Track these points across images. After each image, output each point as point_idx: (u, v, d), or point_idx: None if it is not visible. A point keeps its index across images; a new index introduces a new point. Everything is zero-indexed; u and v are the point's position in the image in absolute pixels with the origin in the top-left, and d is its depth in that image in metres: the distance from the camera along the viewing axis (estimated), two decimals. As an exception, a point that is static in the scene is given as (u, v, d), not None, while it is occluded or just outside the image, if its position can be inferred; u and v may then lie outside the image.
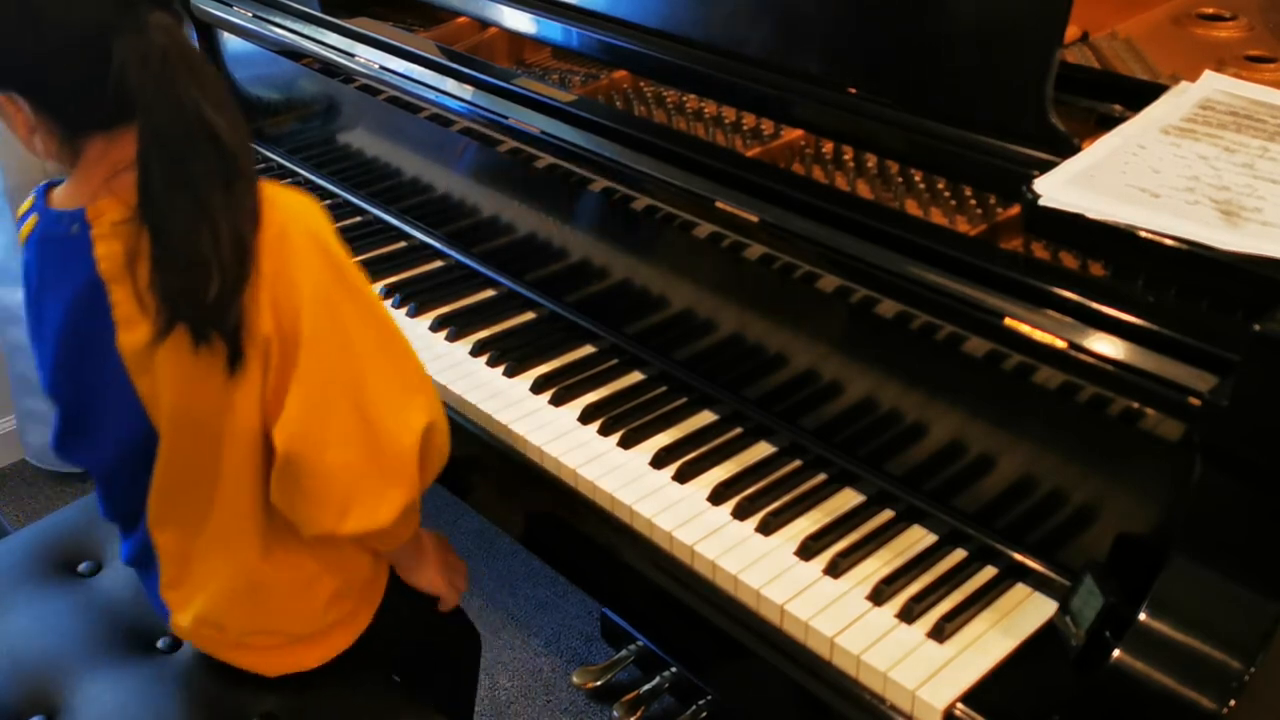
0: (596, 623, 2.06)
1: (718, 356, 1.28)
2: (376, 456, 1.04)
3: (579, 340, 1.42)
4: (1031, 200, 0.97)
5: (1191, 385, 0.88)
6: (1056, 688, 0.93)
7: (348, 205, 1.78)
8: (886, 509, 1.15)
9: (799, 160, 1.33)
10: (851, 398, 1.16)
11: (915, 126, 1.17)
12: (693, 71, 1.34)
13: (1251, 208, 0.93)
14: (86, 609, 1.27)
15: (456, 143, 1.51)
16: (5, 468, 2.47)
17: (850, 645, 1.00)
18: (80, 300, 1.01)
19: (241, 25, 1.81)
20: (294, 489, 1.04)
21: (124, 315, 1.00)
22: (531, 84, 1.41)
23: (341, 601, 1.17)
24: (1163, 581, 0.89)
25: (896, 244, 1.07)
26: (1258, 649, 0.84)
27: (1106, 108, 1.18)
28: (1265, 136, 1.04)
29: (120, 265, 0.98)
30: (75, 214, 1.00)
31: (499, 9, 1.56)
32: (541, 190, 1.42)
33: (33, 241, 1.04)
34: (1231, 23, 1.41)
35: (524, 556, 2.22)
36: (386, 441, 1.04)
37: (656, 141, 1.27)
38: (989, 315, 1.00)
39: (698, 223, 1.22)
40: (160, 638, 1.24)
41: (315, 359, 1.00)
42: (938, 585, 1.05)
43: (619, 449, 1.24)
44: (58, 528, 1.39)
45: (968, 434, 1.07)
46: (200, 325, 0.95)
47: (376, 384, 1.04)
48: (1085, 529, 1.01)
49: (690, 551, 1.11)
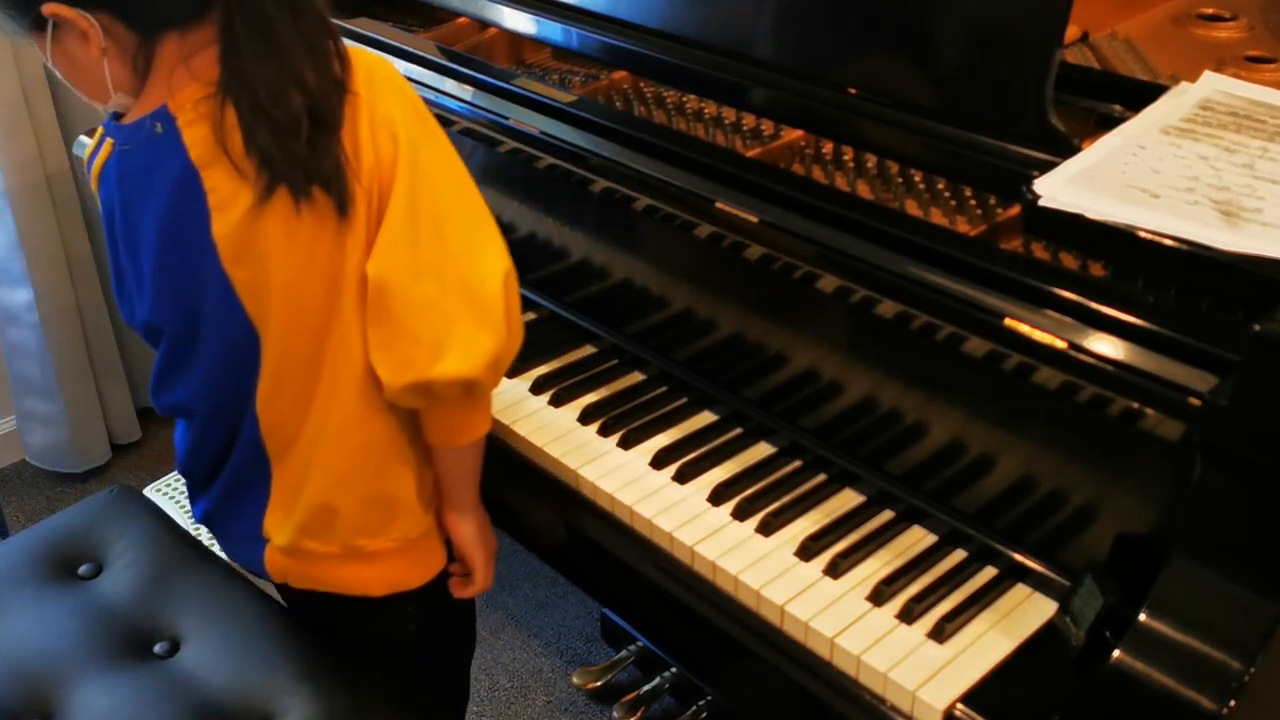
0: (596, 623, 2.06)
1: (718, 357, 1.28)
2: (465, 293, 1.04)
3: (579, 340, 1.42)
4: (1031, 200, 0.97)
5: (1191, 385, 0.88)
6: (1056, 688, 0.93)
7: (348, 205, 1.78)
8: (886, 509, 1.15)
9: (799, 160, 1.33)
10: (851, 398, 1.16)
11: (915, 126, 1.17)
12: (693, 71, 1.34)
13: (1251, 208, 0.93)
14: (84, 612, 1.27)
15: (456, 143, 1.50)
16: (5, 468, 2.47)
17: (850, 646, 1.00)
18: (174, 199, 1.02)
19: (241, 25, 1.81)
20: (387, 324, 1.04)
21: (219, 200, 1.01)
22: (531, 84, 1.41)
23: (433, 511, 1.18)
24: (1163, 581, 0.89)
25: (896, 244, 1.07)
26: (1258, 649, 0.83)
27: (1106, 108, 1.18)
28: (1265, 137, 1.04)
29: (212, 146, 0.99)
30: (156, 113, 1.01)
31: (499, 9, 1.56)
32: (541, 190, 1.42)
33: (111, 166, 1.06)
34: (1231, 23, 1.41)
35: (524, 556, 2.22)
36: (474, 280, 1.04)
37: (656, 142, 1.27)
38: (989, 315, 1.00)
39: (698, 223, 1.22)
40: (158, 642, 1.23)
41: (406, 192, 1.02)
42: (938, 586, 1.05)
43: (619, 449, 1.24)
44: (59, 529, 1.39)
45: (968, 434, 1.07)
46: (300, 180, 0.98)
47: (459, 227, 1.05)
48: (1085, 529, 1.01)
49: (690, 552, 1.11)
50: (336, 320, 1.06)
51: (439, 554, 1.22)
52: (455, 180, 1.07)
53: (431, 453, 1.16)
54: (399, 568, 1.19)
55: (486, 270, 1.05)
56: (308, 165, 0.98)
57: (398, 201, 1.02)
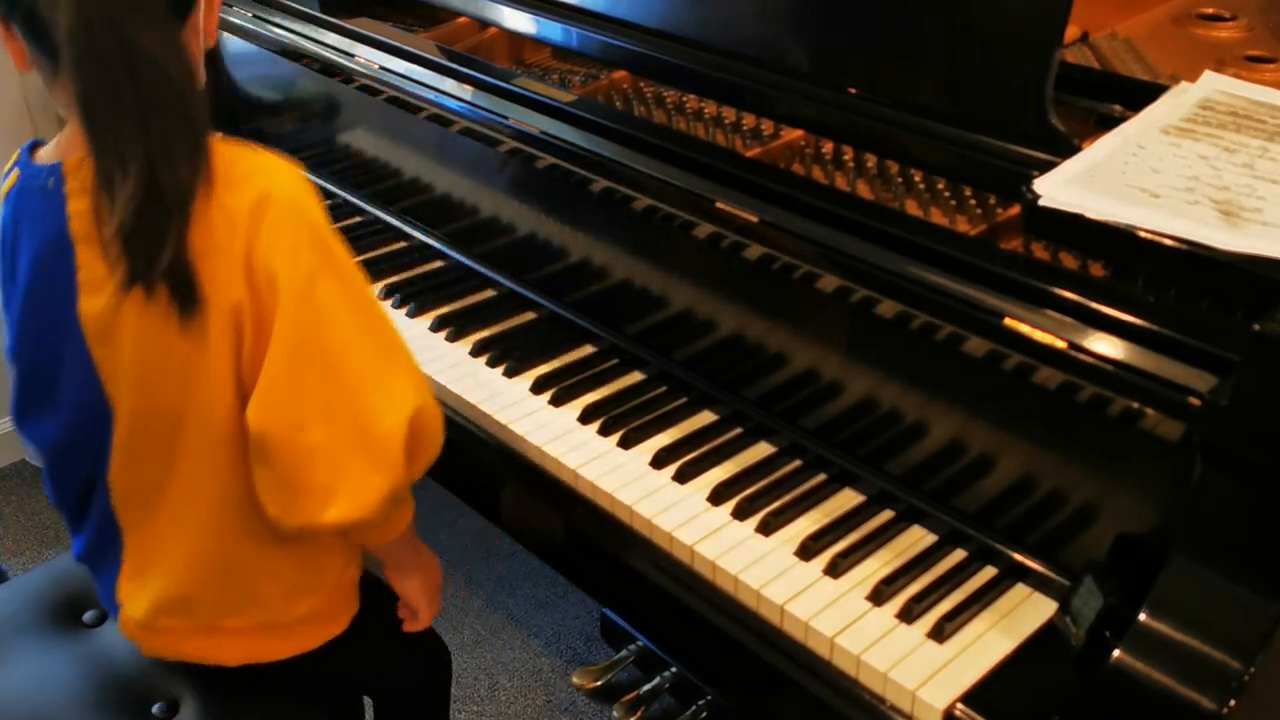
0: (596, 623, 2.06)
1: (718, 356, 1.28)
2: (358, 433, 0.98)
3: (579, 340, 1.42)
4: (1031, 200, 0.97)
5: (1191, 385, 0.88)
6: (1056, 688, 0.93)
7: (348, 205, 1.78)
8: (886, 509, 1.15)
9: (799, 160, 1.33)
10: (851, 398, 1.16)
11: (915, 126, 1.17)
12: (693, 71, 1.34)
13: (1251, 208, 0.93)
14: (84, 661, 1.21)
15: (457, 143, 1.51)
16: (5, 468, 2.47)
17: (850, 645, 1.00)
18: (47, 259, 0.98)
19: (241, 25, 1.81)
20: (269, 474, 0.99)
21: (87, 278, 0.96)
22: (531, 84, 1.41)
23: (313, 597, 1.14)
24: (1163, 581, 0.89)
25: (896, 244, 1.07)
26: (1258, 649, 0.83)
27: (1106, 108, 1.19)
28: (1265, 136, 1.04)
29: (88, 222, 0.93)
30: (53, 168, 0.96)
31: (499, 9, 1.56)
32: (541, 190, 1.42)
33: (10, 196, 1.01)
34: (1231, 23, 1.41)
35: (524, 556, 2.22)
36: (369, 417, 0.98)
37: (656, 141, 1.27)
38: (989, 315, 1.00)
39: (698, 223, 1.22)
40: (156, 703, 1.18)
41: (291, 332, 0.95)
42: (938, 585, 1.05)
43: (619, 449, 1.24)
44: (65, 571, 1.33)
45: (968, 434, 1.07)
46: (146, 273, 0.91)
47: (358, 362, 0.99)
48: (1085, 529, 1.01)
49: (690, 552, 1.11)
50: (196, 439, 1.01)
51: (325, 630, 1.17)
52: (359, 311, 1.00)
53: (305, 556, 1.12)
54: (261, 644, 1.15)
55: (386, 404, 0.99)
56: (153, 259, 0.91)
57: (278, 348, 0.96)
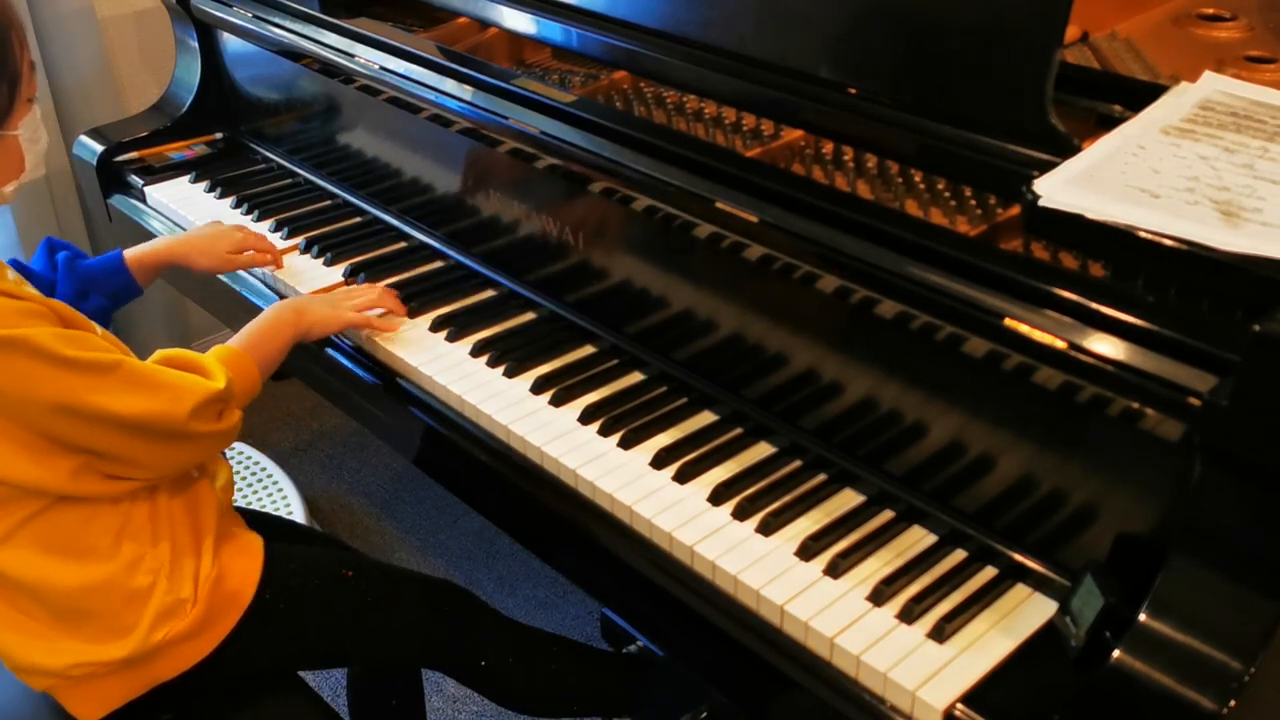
0: (596, 623, 2.06)
1: (718, 356, 1.28)
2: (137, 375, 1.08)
3: (579, 340, 1.42)
4: (1031, 200, 0.97)
5: (1191, 385, 0.88)
6: (1056, 688, 0.93)
7: (348, 205, 1.78)
8: (886, 509, 1.15)
9: (799, 160, 1.33)
10: (851, 398, 1.16)
11: (915, 126, 1.17)
12: (692, 71, 1.34)
13: (1251, 208, 0.93)
14: None
15: (457, 143, 1.51)
16: None
17: (850, 646, 1.00)
18: None
19: (241, 25, 1.81)
20: (147, 437, 1.09)
21: None
22: (531, 84, 1.41)
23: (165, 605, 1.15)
24: (1163, 581, 0.89)
25: (896, 244, 1.07)
26: (1258, 649, 0.83)
27: (1106, 108, 1.18)
28: (1265, 137, 1.04)
29: None
30: None
31: (499, 9, 1.56)
32: (541, 190, 1.42)
33: None
34: (1231, 23, 1.41)
35: (524, 556, 2.22)
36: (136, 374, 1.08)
37: (656, 142, 1.27)
38: (989, 315, 1.00)
39: (698, 223, 1.22)
40: None
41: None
42: (938, 585, 1.05)
43: (619, 449, 1.24)
44: None
45: (968, 434, 1.07)
46: None
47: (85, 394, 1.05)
48: (1085, 529, 1.01)
49: (690, 552, 1.11)
50: None
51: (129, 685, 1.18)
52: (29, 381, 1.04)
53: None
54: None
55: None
56: None
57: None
